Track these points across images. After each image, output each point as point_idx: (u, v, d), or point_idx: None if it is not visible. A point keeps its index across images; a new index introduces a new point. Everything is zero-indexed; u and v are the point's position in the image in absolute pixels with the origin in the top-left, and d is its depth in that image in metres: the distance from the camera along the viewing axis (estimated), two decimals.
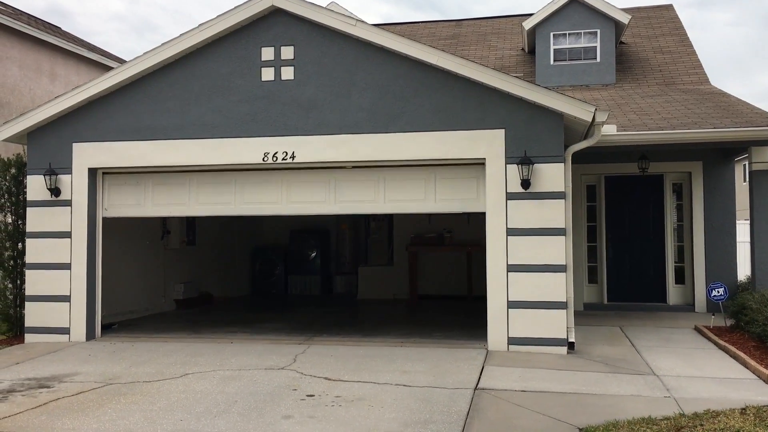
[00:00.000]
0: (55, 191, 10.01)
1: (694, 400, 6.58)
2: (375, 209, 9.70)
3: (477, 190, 9.28)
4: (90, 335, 10.02)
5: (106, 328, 10.61)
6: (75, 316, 9.95)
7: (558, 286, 8.82)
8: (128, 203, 10.28)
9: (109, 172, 10.27)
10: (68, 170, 10.08)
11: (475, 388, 7.00)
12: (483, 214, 9.19)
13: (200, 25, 9.67)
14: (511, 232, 8.94)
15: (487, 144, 9.04)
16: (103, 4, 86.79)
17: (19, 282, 10.65)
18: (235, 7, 9.57)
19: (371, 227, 16.98)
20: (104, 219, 10.30)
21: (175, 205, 10.18)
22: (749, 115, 10.61)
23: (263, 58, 9.65)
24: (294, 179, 9.80)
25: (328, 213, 9.87)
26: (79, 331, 9.93)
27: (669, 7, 17.38)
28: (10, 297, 10.67)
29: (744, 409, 6.17)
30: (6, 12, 16.32)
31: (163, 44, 9.78)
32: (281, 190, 9.84)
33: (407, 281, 15.54)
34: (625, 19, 14.17)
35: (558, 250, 8.84)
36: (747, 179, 11.19)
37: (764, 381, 7.30)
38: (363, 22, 9.60)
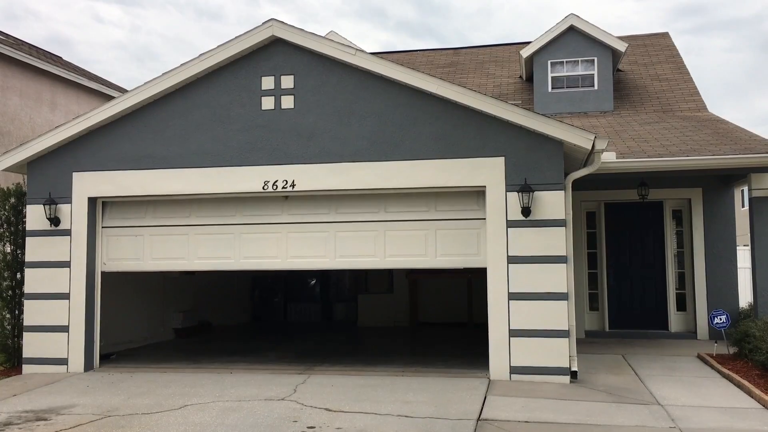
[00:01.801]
0: (55, 221, 9.99)
1: (699, 430, 6.51)
2: (375, 264, 9.63)
3: (478, 246, 9.28)
4: (88, 366, 9.93)
5: (105, 358, 10.52)
6: (73, 346, 9.87)
7: (560, 314, 8.77)
8: (127, 257, 10.23)
9: (109, 202, 10.27)
10: (68, 199, 10.07)
11: (478, 419, 6.92)
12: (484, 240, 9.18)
13: (201, 55, 9.74)
14: (512, 259, 8.91)
15: (488, 172, 9.05)
16: (104, 33, 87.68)
17: (17, 312, 10.58)
18: (236, 37, 9.64)
19: None
20: (103, 273, 10.27)
21: (175, 259, 10.14)
22: (748, 141, 10.65)
23: (263, 87, 9.69)
24: (293, 234, 9.76)
25: (328, 268, 9.84)
26: (77, 361, 9.85)
27: (665, 35, 17.55)
28: (8, 327, 10.59)
29: None
30: (7, 42, 16.44)
31: (163, 74, 9.83)
32: (280, 244, 9.81)
33: (407, 308, 15.48)
34: (621, 47, 14.28)
35: (559, 278, 8.80)
36: (747, 205, 11.19)
37: None
38: (362, 51, 9.66)
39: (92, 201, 10.13)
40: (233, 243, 9.95)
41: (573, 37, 14.60)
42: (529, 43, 15.71)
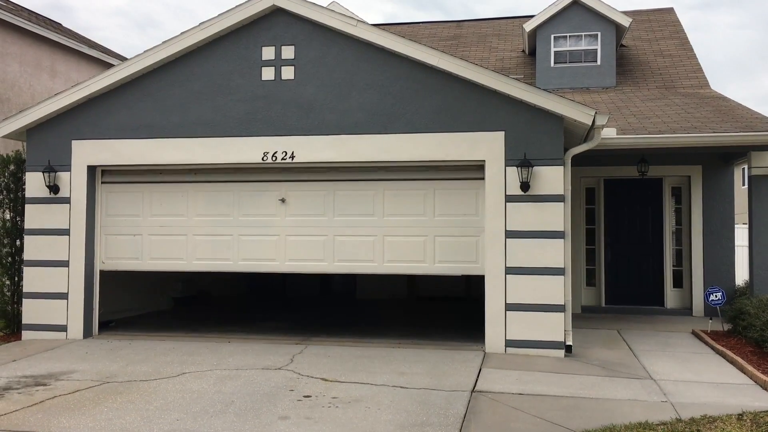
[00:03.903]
0: (54, 188, 10.00)
1: (691, 405, 6.58)
2: (373, 270, 9.62)
3: (476, 253, 9.28)
4: (87, 333, 10.02)
5: (104, 325, 10.60)
6: (72, 313, 9.95)
7: (556, 289, 8.82)
8: (126, 256, 10.24)
9: (109, 171, 10.28)
10: (67, 167, 10.06)
11: (473, 391, 7.00)
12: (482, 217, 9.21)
13: (201, 23, 9.67)
14: (510, 234, 8.94)
15: (487, 146, 9.04)
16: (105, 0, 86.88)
17: (17, 279, 10.64)
18: (236, 6, 9.57)
19: None
20: (102, 272, 10.31)
21: (173, 259, 10.16)
22: (749, 119, 10.62)
23: (264, 58, 9.64)
24: (292, 237, 9.76)
25: (325, 272, 9.84)
26: (76, 328, 9.93)
27: (670, 11, 17.40)
28: (8, 294, 10.66)
29: (741, 414, 6.17)
30: (7, 8, 16.31)
31: (163, 42, 9.77)
32: (279, 247, 9.82)
33: (406, 282, 15.54)
34: (625, 22, 14.17)
35: (557, 253, 8.84)
36: (746, 183, 11.20)
37: (761, 386, 7.30)
38: (364, 22, 9.60)
39: (91, 169, 10.13)
40: (231, 244, 9.97)
41: (577, 11, 14.48)
42: (532, 16, 15.59)
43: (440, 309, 13.71)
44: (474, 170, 9.29)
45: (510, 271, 8.91)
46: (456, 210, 9.38)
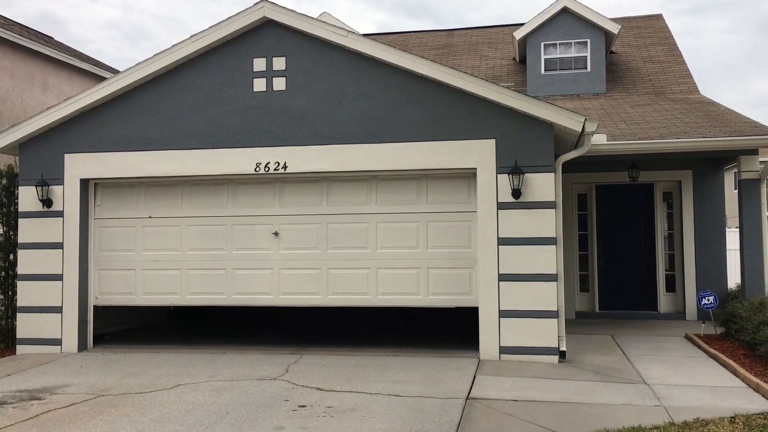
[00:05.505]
0: (47, 202, 10.01)
1: (684, 408, 6.62)
2: (367, 302, 9.62)
3: (470, 283, 9.31)
4: (82, 346, 10.00)
5: (99, 338, 10.58)
6: (67, 327, 9.93)
7: (549, 295, 8.86)
8: (119, 291, 10.24)
9: (101, 183, 10.30)
10: (60, 181, 10.08)
11: (467, 398, 7.03)
12: (475, 224, 9.26)
13: (193, 36, 9.72)
14: (503, 241, 8.99)
15: (479, 154, 9.09)
16: (97, 12, 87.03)
17: (10, 293, 10.64)
18: (227, 18, 9.63)
19: None
20: (96, 307, 10.31)
21: (167, 294, 10.16)
22: (738, 124, 10.71)
23: (255, 69, 9.69)
24: (285, 271, 9.78)
25: (319, 305, 9.78)
26: (71, 342, 9.92)
27: (659, 17, 17.54)
28: (2, 308, 10.65)
29: (733, 417, 6.21)
30: None
31: (155, 55, 9.81)
32: (273, 281, 9.84)
33: None
34: (614, 29, 14.29)
35: (549, 260, 8.89)
36: (737, 187, 11.28)
37: (754, 389, 7.35)
38: (354, 32, 9.67)
39: (84, 182, 10.14)
40: (225, 278, 9.98)
41: (566, 19, 14.59)
42: (522, 24, 15.69)
43: (435, 316, 13.70)
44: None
45: (503, 277, 8.96)
46: (449, 242, 9.41)
